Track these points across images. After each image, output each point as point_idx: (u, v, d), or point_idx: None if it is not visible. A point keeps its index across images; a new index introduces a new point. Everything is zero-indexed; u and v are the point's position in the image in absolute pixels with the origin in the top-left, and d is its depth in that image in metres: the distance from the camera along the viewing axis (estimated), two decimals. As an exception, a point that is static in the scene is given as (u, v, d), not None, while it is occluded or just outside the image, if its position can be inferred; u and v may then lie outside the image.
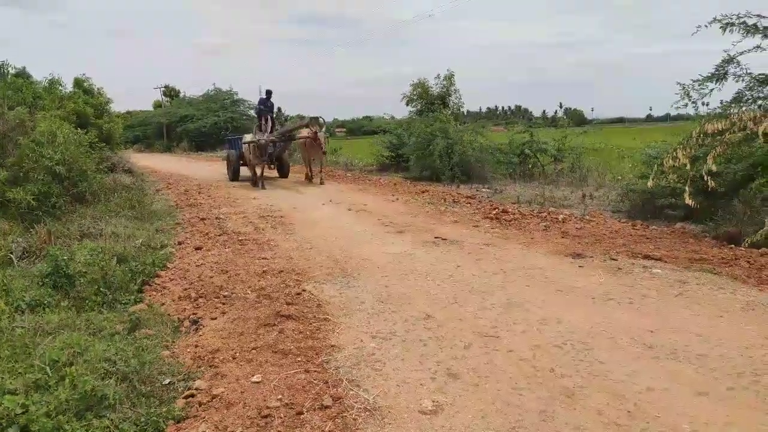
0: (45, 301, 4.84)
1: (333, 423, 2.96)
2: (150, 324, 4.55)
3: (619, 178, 11.30)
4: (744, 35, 6.94)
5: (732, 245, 6.49)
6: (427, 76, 18.35)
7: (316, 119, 14.20)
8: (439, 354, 3.79)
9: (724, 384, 3.25)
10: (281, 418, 3.04)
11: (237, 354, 3.92)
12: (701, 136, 6.91)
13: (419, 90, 17.26)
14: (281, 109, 37.60)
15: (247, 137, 14.77)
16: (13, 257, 6.33)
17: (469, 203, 10.47)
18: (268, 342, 4.07)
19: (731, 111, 7.02)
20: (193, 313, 4.87)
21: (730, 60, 7.14)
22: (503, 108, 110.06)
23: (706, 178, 6.60)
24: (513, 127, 16.71)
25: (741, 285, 5.10)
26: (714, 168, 6.62)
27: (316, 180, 14.70)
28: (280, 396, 3.26)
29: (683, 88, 7.36)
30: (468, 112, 23.14)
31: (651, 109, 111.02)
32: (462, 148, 14.12)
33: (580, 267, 5.86)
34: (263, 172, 14.47)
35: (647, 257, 6.09)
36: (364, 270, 5.96)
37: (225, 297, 5.20)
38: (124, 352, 3.67)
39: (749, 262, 5.79)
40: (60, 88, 15.99)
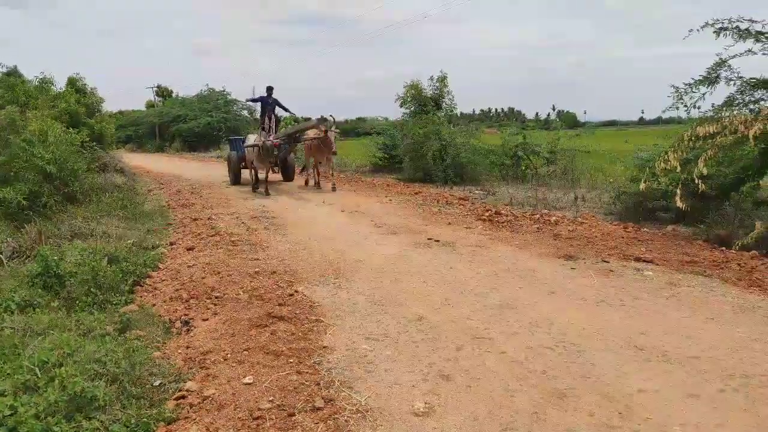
0: (35, 302, 4.81)
1: (325, 425, 2.95)
2: (141, 325, 4.52)
3: (611, 180, 11.34)
4: (736, 39, 7.00)
5: (723, 248, 6.52)
6: (421, 77, 18.31)
7: (324, 119, 12.99)
8: (432, 355, 3.79)
9: (714, 386, 3.26)
10: (273, 419, 3.02)
11: (229, 355, 3.90)
12: (693, 139, 6.95)
13: (412, 92, 17.24)
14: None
15: (251, 138, 13.78)
16: (3, 257, 6.29)
17: (462, 205, 10.49)
18: (260, 343, 4.06)
19: (723, 114, 7.08)
20: (185, 314, 4.84)
21: (721, 64, 7.20)
22: (496, 110, 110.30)
23: (697, 181, 6.63)
24: (506, 129, 16.74)
25: (732, 287, 5.13)
26: (705, 171, 6.66)
27: (326, 186, 13.48)
28: (271, 397, 3.24)
29: (677, 91, 7.42)
30: (461, 113, 23.10)
31: (643, 112, 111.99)
32: (455, 149, 14.16)
33: (572, 269, 5.88)
34: (268, 176, 13.28)
35: (639, 259, 6.11)
36: (356, 271, 5.95)
37: (217, 298, 5.17)
38: (114, 353, 3.63)
39: (740, 264, 5.83)
40: (52, 87, 15.89)
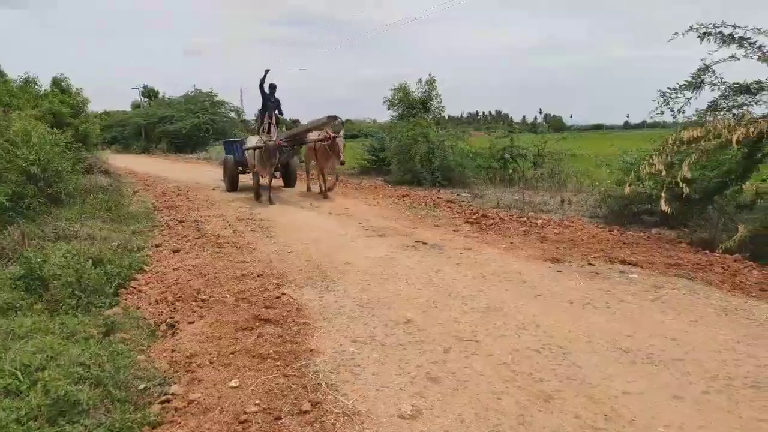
0: (17, 304, 4.72)
1: (311, 428, 2.94)
2: (126, 328, 4.47)
3: (597, 183, 11.43)
4: (720, 45, 7.09)
5: (706, 251, 6.59)
6: (409, 80, 18.36)
7: (335, 117, 11.57)
8: (419, 358, 3.79)
9: (698, 388, 3.30)
10: (259, 423, 3.00)
11: (214, 358, 3.87)
12: (677, 143, 7.03)
13: (401, 94, 17.27)
14: (262, 111, 37.36)
15: (252, 140, 12.59)
16: (-15, 259, 6.18)
17: (450, 208, 10.51)
18: (246, 346, 4.03)
19: (707, 119, 7.17)
20: (170, 317, 4.80)
21: (706, 69, 7.29)
22: (484, 113, 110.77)
23: (681, 184, 6.71)
24: (493, 132, 16.82)
25: (715, 290, 5.19)
26: (689, 175, 6.73)
27: (331, 194, 12.36)
28: (258, 401, 3.22)
29: (663, 95, 7.50)
30: (449, 116, 23.19)
31: (628, 117, 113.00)
32: (443, 152, 14.18)
33: (558, 272, 5.91)
34: (271, 182, 12.08)
35: (624, 262, 6.16)
36: (344, 274, 5.94)
37: (203, 301, 5.14)
38: (98, 356, 3.58)
39: (723, 267, 5.89)
40: (36, 87, 15.72)
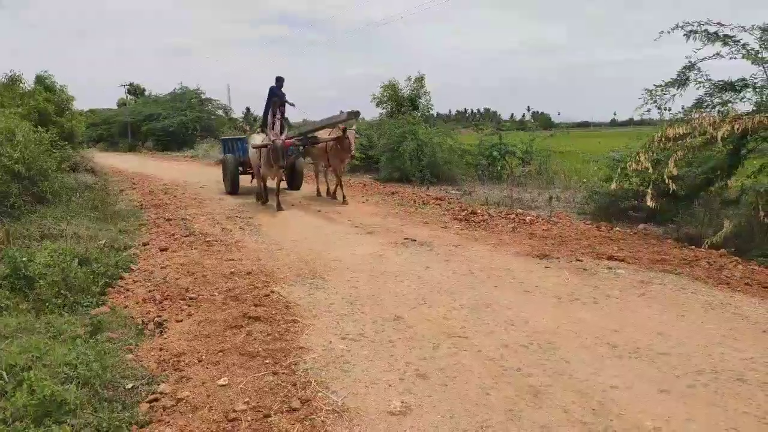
0: (2, 304, 4.67)
1: (301, 425, 2.93)
2: (113, 327, 4.43)
3: (585, 180, 11.51)
4: (705, 43, 7.16)
5: (692, 246, 6.67)
6: (398, 77, 18.40)
7: (356, 114, 10.58)
8: (408, 355, 3.80)
9: (684, 381, 3.33)
10: (248, 421, 2.99)
11: (203, 357, 3.85)
12: (663, 140, 7.09)
13: (389, 92, 17.29)
14: (249, 109, 37.21)
15: (257, 138, 11.10)
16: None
17: (439, 205, 10.53)
18: (235, 344, 4.02)
19: (692, 116, 7.24)
20: (158, 316, 4.76)
21: (691, 66, 7.36)
22: (473, 111, 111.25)
23: (667, 181, 6.77)
24: (482, 130, 16.87)
25: (701, 285, 5.25)
26: (675, 171, 6.80)
27: (340, 194, 11.27)
28: (247, 399, 3.21)
29: (650, 93, 7.57)
30: (438, 114, 23.30)
31: (615, 114, 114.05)
32: (432, 150, 14.20)
33: (546, 268, 5.95)
34: (279, 185, 10.74)
35: (611, 258, 6.21)
36: (333, 271, 5.93)
37: (191, 299, 5.11)
38: (85, 355, 3.55)
39: (709, 262, 5.96)
40: (21, 84, 15.53)
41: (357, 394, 3.26)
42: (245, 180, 13.07)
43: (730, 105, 7.20)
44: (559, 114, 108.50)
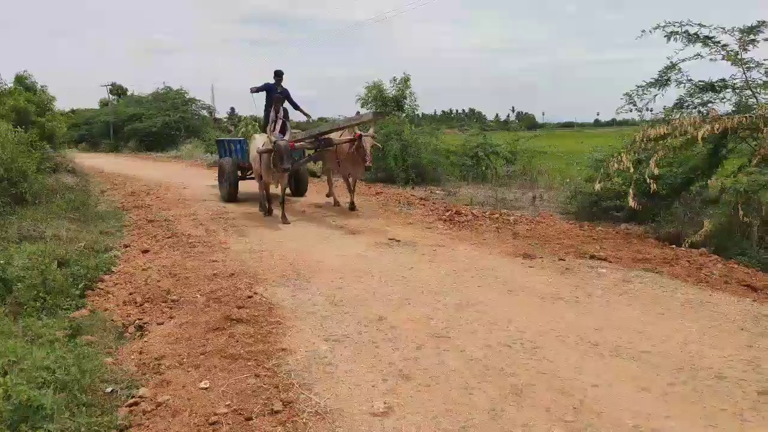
0: (-22, 308, 4.59)
1: (283, 428, 2.91)
2: (92, 330, 4.37)
3: (568, 180, 11.59)
4: (685, 44, 7.26)
5: (673, 245, 6.74)
6: (381, 77, 18.31)
7: (381, 114, 9.72)
8: (392, 355, 3.79)
9: (664, 379, 3.37)
10: (230, 424, 2.96)
11: (184, 360, 3.81)
12: (644, 140, 7.17)
13: (374, 92, 17.22)
14: (234, 109, 36.89)
15: (258, 139, 9.76)
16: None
17: (423, 205, 10.53)
18: (217, 347, 3.98)
19: (673, 116, 7.33)
20: (139, 319, 4.70)
21: (672, 67, 7.46)
22: (458, 111, 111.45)
23: (648, 181, 6.85)
24: (467, 130, 16.90)
25: (681, 283, 5.31)
26: (656, 171, 6.88)
27: (344, 201, 10.55)
28: (228, 402, 3.18)
29: (629, 96, 7.67)
30: (423, 114, 23.26)
31: (598, 114, 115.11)
32: (417, 150, 14.19)
33: (530, 267, 5.98)
34: (284, 193, 9.40)
35: (593, 257, 6.26)
36: (317, 272, 5.91)
37: (173, 301, 5.05)
38: (63, 359, 3.49)
39: (689, 261, 6.03)
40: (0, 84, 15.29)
41: (340, 395, 3.25)
42: (244, 186, 11.90)
43: (710, 105, 7.31)
44: (544, 114, 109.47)
